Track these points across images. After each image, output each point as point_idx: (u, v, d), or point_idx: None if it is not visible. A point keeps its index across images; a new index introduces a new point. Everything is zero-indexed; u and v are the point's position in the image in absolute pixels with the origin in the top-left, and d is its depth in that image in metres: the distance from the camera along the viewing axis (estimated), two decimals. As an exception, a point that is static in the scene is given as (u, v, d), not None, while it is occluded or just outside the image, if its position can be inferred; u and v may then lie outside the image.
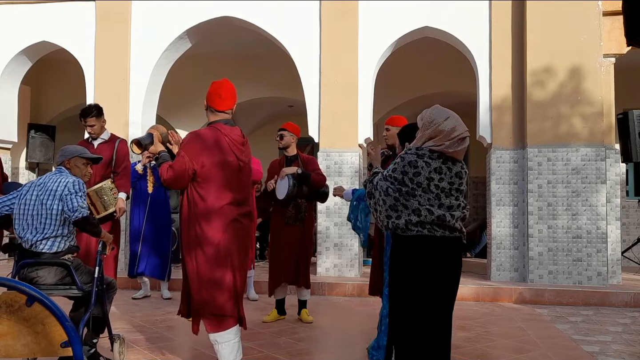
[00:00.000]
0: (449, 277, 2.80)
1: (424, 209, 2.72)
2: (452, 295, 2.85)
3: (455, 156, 2.80)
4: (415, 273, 2.76)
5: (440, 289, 2.77)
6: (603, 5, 7.24)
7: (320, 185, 5.32)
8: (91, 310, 3.62)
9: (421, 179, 2.73)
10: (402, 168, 2.76)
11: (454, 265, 2.83)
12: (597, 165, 7.07)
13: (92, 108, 5.22)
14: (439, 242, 2.75)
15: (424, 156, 2.76)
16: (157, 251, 6.56)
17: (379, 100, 8.85)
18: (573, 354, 4.35)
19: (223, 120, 3.51)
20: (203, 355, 4.20)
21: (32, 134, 10.52)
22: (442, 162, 2.77)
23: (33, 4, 8.69)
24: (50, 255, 3.63)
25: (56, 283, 3.64)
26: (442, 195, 2.75)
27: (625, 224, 9.85)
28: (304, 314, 5.45)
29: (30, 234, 3.65)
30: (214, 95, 3.50)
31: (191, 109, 10.90)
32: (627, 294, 6.57)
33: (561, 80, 7.20)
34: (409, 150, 2.83)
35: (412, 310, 2.77)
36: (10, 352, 2.11)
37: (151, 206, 6.50)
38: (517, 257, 7.32)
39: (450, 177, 2.78)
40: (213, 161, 3.37)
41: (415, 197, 2.73)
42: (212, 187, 3.38)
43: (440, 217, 2.72)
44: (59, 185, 3.67)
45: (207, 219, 3.37)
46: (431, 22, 7.71)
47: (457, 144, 2.76)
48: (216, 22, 8.34)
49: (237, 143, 3.48)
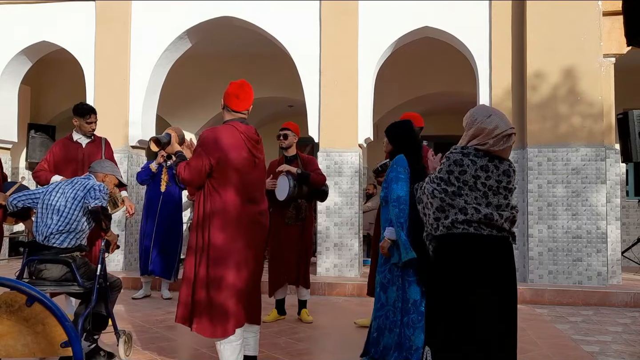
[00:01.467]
0: (498, 278, 2.66)
1: (471, 207, 2.64)
2: (508, 301, 2.67)
3: (502, 154, 2.74)
4: (461, 273, 2.64)
5: (488, 291, 2.63)
6: (603, 5, 7.24)
7: (320, 185, 5.33)
8: (91, 306, 3.74)
9: (467, 177, 2.67)
10: (448, 167, 2.70)
11: (504, 266, 2.69)
12: (597, 165, 7.07)
13: (90, 106, 5.16)
14: (485, 240, 2.65)
15: (469, 154, 2.70)
16: (167, 250, 6.55)
17: (379, 100, 8.85)
18: (573, 354, 4.35)
19: (239, 119, 3.51)
20: (203, 355, 4.20)
21: (32, 134, 10.53)
22: (488, 160, 2.71)
23: (33, 4, 8.69)
24: (58, 250, 3.84)
25: (61, 279, 3.82)
26: (489, 193, 2.69)
27: (625, 224, 9.85)
28: (304, 314, 5.45)
29: (46, 226, 3.86)
30: (231, 95, 3.50)
31: (191, 109, 10.90)
32: (627, 294, 6.57)
33: (561, 80, 7.20)
34: (454, 149, 2.77)
35: (458, 318, 2.61)
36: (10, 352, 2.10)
37: (163, 205, 6.50)
38: (517, 257, 7.32)
39: (497, 175, 2.71)
40: (229, 157, 3.35)
41: (461, 196, 2.67)
42: (228, 183, 3.36)
43: (488, 215, 2.63)
44: (86, 185, 3.97)
45: (224, 217, 3.33)
46: (431, 22, 7.71)
47: (502, 142, 2.69)
48: (216, 22, 8.34)
49: (252, 140, 3.47)
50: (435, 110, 11.27)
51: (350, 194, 7.68)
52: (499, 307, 2.65)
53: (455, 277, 2.66)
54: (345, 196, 7.69)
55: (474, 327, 2.62)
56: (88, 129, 5.08)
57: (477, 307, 2.63)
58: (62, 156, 4.95)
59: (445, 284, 2.69)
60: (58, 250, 3.84)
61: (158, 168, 6.50)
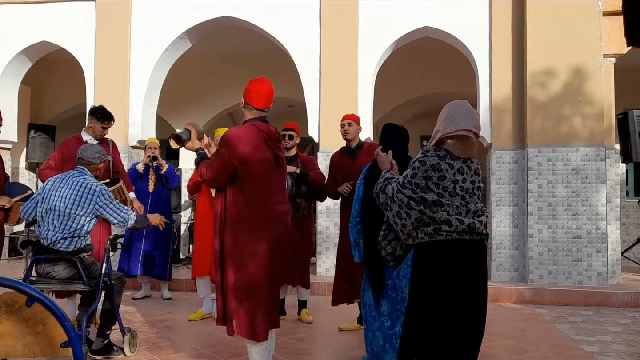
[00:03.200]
0: (479, 280, 2.70)
1: (454, 219, 2.59)
2: (483, 300, 2.73)
3: (468, 153, 2.68)
4: (444, 277, 2.63)
5: (469, 292, 2.66)
6: (603, 5, 7.24)
7: (319, 185, 5.33)
8: (96, 304, 3.86)
9: (447, 182, 2.61)
10: (425, 173, 2.62)
11: (483, 267, 2.73)
12: (597, 166, 7.07)
13: (110, 113, 5.16)
14: (468, 245, 2.65)
15: (444, 157, 2.63)
16: (159, 251, 6.56)
17: (379, 100, 8.85)
18: (573, 354, 4.35)
19: (259, 118, 3.44)
20: (203, 355, 4.20)
21: (32, 134, 10.51)
22: (462, 161, 2.66)
23: (33, 4, 8.69)
24: (66, 253, 3.88)
25: (69, 278, 3.91)
26: (466, 196, 2.65)
27: (625, 224, 9.85)
28: (304, 314, 5.45)
29: (51, 232, 3.88)
30: (252, 92, 3.43)
31: (191, 109, 10.89)
32: (627, 294, 6.57)
33: (561, 80, 7.20)
34: (427, 152, 2.69)
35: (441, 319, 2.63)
36: (11, 352, 2.11)
37: (152, 205, 6.51)
38: (517, 257, 7.32)
39: (470, 176, 2.68)
40: (254, 158, 3.29)
41: (442, 205, 2.59)
42: (253, 184, 3.30)
43: (471, 225, 2.62)
44: (85, 189, 3.91)
45: (249, 219, 3.27)
46: (431, 22, 7.71)
47: (462, 141, 2.64)
48: (216, 22, 8.34)
49: (274, 139, 3.42)
50: (435, 110, 11.12)
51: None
52: (479, 307, 2.71)
53: (443, 283, 2.63)
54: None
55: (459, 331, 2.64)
56: (101, 133, 5.17)
57: (466, 310, 2.65)
58: (70, 155, 4.99)
59: (434, 291, 2.65)
60: (66, 253, 3.89)
61: (145, 169, 6.51)
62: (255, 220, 3.28)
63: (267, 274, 3.29)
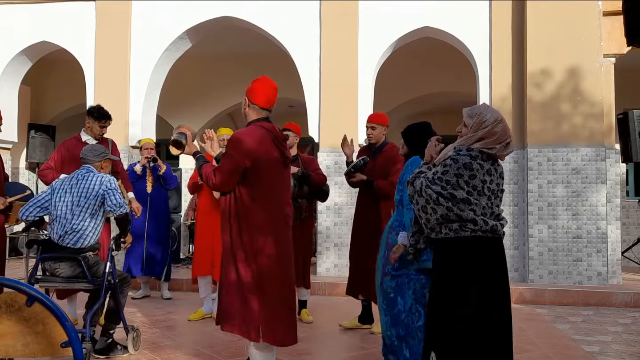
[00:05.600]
0: (502, 277, 2.76)
1: (480, 219, 2.68)
2: (507, 297, 2.77)
3: (501, 158, 2.81)
4: (471, 273, 2.69)
5: (496, 289, 2.72)
6: (603, 5, 7.24)
7: (321, 185, 5.34)
8: (99, 302, 3.91)
9: (477, 182, 2.68)
10: (457, 170, 2.68)
11: (505, 264, 2.80)
12: (597, 166, 7.06)
13: (107, 112, 5.18)
14: (490, 242, 2.73)
15: (477, 158, 2.71)
16: (158, 251, 6.57)
17: (379, 100, 8.84)
18: (573, 354, 4.35)
19: (264, 118, 3.43)
20: (203, 355, 4.20)
21: (32, 134, 10.51)
22: (491, 163, 2.75)
23: (33, 4, 8.69)
24: (72, 250, 3.94)
25: (74, 276, 3.97)
26: (492, 197, 2.74)
27: (625, 224, 9.85)
28: (304, 314, 5.45)
29: (61, 227, 3.95)
30: (258, 91, 3.42)
31: (191, 109, 10.90)
32: (627, 294, 6.57)
33: (561, 80, 7.20)
34: (460, 151, 2.75)
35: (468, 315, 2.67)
36: (11, 352, 2.11)
37: (151, 206, 6.51)
38: (517, 257, 7.32)
39: (497, 179, 2.77)
40: (263, 159, 3.28)
41: (470, 204, 2.67)
42: (262, 185, 3.28)
43: (493, 227, 2.71)
44: (96, 182, 3.99)
45: (259, 221, 3.25)
46: (431, 22, 7.71)
47: (505, 148, 2.76)
48: (216, 22, 8.34)
49: (280, 139, 3.41)
50: (435, 110, 11.27)
51: (350, 194, 7.68)
52: (504, 304, 2.74)
53: (469, 280, 2.69)
54: (345, 196, 7.69)
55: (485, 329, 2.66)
56: (99, 133, 5.16)
57: (490, 306, 2.69)
58: (69, 156, 4.99)
59: (459, 287, 2.70)
60: (72, 251, 3.94)
61: (142, 170, 6.51)
62: (265, 221, 3.27)
63: (280, 276, 3.28)
